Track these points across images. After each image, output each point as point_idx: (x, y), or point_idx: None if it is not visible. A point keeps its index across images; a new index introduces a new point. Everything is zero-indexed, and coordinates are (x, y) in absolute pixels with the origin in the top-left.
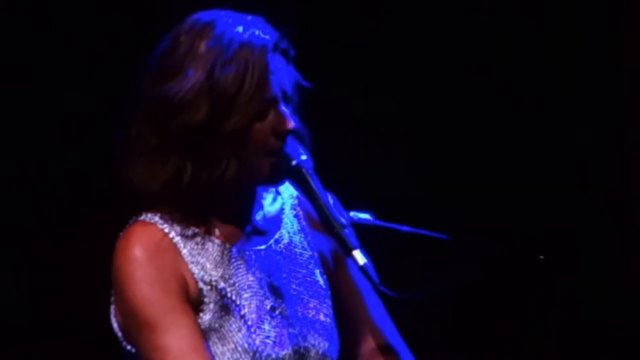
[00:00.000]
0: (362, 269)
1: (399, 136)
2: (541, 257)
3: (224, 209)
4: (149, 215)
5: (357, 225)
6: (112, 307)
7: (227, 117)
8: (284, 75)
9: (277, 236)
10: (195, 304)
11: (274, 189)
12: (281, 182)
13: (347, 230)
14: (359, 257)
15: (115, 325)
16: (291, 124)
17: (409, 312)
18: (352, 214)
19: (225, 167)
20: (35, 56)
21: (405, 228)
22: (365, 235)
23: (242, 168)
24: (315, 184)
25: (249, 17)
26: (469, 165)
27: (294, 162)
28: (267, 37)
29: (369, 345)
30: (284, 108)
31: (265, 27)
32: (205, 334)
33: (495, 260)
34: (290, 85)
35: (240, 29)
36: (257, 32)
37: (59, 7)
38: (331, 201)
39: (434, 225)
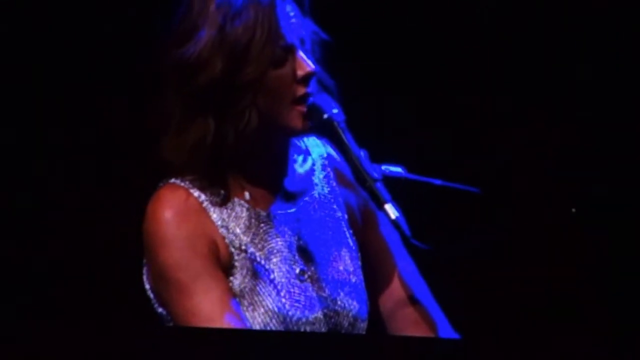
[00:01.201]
0: (394, 222)
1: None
2: (573, 210)
3: (254, 173)
4: (179, 179)
5: (389, 179)
6: (145, 270)
7: (243, 67)
8: (299, 25)
9: (307, 198)
10: (226, 268)
11: (304, 147)
12: (310, 132)
13: (379, 184)
14: (391, 210)
15: (147, 287)
16: (310, 67)
17: (439, 267)
18: (383, 167)
19: (249, 118)
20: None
21: (437, 181)
22: (397, 189)
23: (267, 118)
24: (347, 137)
25: None
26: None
27: (325, 116)
28: None
29: (396, 298)
30: (301, 54)
31: None
32: (236, 298)
33: (525, 213)
34: (308, 36)
35: None
36: None
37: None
38: (363, 155)
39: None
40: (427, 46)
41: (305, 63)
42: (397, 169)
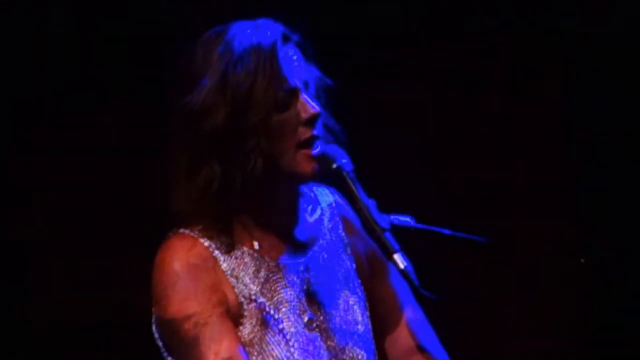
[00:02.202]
0: (403, 272)
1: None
2: (582, 260)
3: (263, 222)
4: (188, 229)
5: (398, 229)
6: (153, 318)
7: (246, 112)
8: (302, 69)
9: (316, 248)
10: (235, 317)
11: (313, 196)
12: (319, 181)
13: (387, 234)
14: (400, 260)
15: (156, 336)
16: (314, 109)
17: (448, 317)
18: (392, 217)
19: (254, 163)
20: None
21: (446, 231)
22: (406, 238)
23: (274, 163)
24: (356, 187)
25: (259, 21)
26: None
27: (334, 166)
28: (277, 32)
29: (405, 347)
30: (305, 96)
31: (275, 24)
32: (245, 348)
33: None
34: (312, 80)
35: (249, 30)
36: (265, 30)
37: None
38: (371, 205)
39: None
40: (432, 96)
41: (310, 105)
42: (406, 219)
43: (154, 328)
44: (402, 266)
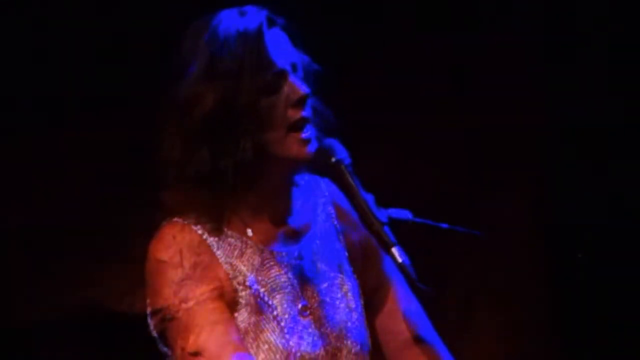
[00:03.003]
0: (401, 266)
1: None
2: (579, 255)
3: (257, 210)
4: (181, 217)
5: (396, 222)
6: (148, 309)
7: (234, 97)
8: (290, 52)
9: (309, 236)
10: (230, 304)
11: (306, 185)
12: (313, 162)
13: (385, 228)
14: (397, 254)
15: (151, 326)
16: (303, 89)
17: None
18: (390, 210)
19: (244, 147)
20: None
21: (444, 225)
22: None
23: (265, 148)
24: (354, 181)
25: (245, 7)
26: None
27: (333, 159)
28: (262, 16)
29: (401, 337)
30: (293, 78)
31: (260, 10)
32: (240, 334)
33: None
34: (300, 64)
35: (234, 17)
36: (251, 15)
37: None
38: (369, 199)
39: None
40: (428, 90)
41: (298, 86)
42: (404, 213)
43: (148, 318)
44: (399, 260)
